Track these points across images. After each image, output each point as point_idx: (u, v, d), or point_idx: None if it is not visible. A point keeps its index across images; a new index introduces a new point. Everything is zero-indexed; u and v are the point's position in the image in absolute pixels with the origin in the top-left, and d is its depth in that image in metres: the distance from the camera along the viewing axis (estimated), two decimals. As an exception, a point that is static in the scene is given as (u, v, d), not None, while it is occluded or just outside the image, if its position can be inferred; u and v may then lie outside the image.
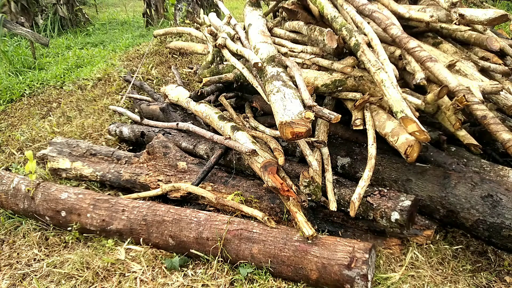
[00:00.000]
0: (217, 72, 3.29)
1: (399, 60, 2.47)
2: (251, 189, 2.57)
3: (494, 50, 2.55)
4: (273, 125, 2.88)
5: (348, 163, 2.60)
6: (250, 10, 3.43)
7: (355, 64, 2.55)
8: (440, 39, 2.74)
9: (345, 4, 2.59)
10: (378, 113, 2.33)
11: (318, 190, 2.21)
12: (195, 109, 3.23)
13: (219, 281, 2.10)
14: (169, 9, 7.84)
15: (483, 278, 2.10)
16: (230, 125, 2.78)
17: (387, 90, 2.12)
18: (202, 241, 2.21)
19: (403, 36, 2.29)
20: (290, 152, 2.86)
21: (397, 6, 2.58)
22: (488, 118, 2.04)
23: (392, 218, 2.12)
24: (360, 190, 2.11)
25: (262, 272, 2.10)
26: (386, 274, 2.10)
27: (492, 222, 2.03)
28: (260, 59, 2.57)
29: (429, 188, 2.27)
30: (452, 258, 2.22)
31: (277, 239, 2.08)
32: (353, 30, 2.43)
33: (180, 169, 2.83)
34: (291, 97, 2.18)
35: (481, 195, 2.10)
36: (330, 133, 2.76)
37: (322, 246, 1.99)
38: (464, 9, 2.40)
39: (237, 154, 2.77)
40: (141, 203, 2.48)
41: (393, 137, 2.09)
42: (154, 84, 5.06)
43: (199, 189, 2.55)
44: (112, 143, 3.78)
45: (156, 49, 5.94)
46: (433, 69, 2.16)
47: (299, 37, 3.05)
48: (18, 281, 2.22)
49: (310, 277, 1.99)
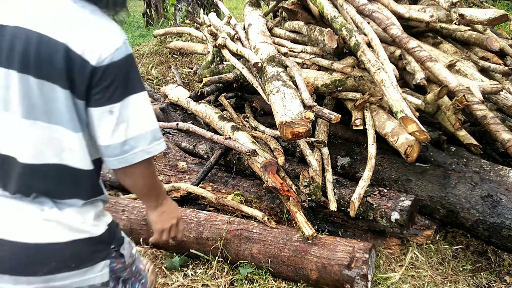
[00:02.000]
0: (217, 72, 3.29)
1: (399, 60, 2.47)
2: (251, 189, 2.57)
3: (494, 50, 2.55)
4: (273, 125, 2.88)
5: (348, 163, 2.60)
6: (250, 10, 3.43)
7: (355, 64, 2.55)
8: (440, 39, 2.74)
9: (345, 4, 2.59)
10: (378, 113, 2.33)
11: (318, 190, 2.21)
12: (195, 109, 3.24)
13: (219, 281, 2.11)
14: (169, 9, 7.84)
15: (483, 278, 2.10)
16: (230, 125, 2.78)
17: (387, 90, 2.12)
18: (202, 241, 2.21)
19: (403, 36, 2.29)
20: (290, 152, 2.86)
21: (397, 6, 2.58)
22: (488, 118, 2.04)
23: (392, 218, 2.12)
24: (360, 190, 2.11)
25: (262, 272, 2.10)
26: (386, 274, 2.10)
27: (492, 222, 2.03)
28: (260, 59, 2.57)
29: (429, 188, 2.27)
30: (452, 258, 2.22)
31: (277, 239, 2.08)
32: (353, 30, 2.43)
33: (180, 169, 2.83)
34: (291, 97, 2.18)
35: (481, 195, 2.10)
36: (330, 133, 2.76)
37: (322, 246, 1.99)
38: (464, 9, 2.40)
39: (237, 154, 2.77)
40: (141, 203, 2.48)
41: (393, 137, 2.09)
42: (154, 84, 5.06)
43: (199, 189, 2.55)
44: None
45: (156, 49, 5.94)
46: (433, 69, 2.16)
47: (299, 37, 3.05)
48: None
49: (310, 277, 1.99)
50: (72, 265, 1.05)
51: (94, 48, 0.95)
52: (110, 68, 0.96)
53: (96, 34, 0.97)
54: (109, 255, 1.14)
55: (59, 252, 1.04)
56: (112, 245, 1.15)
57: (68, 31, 0.95)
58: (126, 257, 1.20)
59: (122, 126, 0.99)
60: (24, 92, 0.96)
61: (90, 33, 0.97)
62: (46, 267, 1.02)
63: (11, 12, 0.98)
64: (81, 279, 1.08)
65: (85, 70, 0.94)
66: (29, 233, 1.02)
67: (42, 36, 0.94)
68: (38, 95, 0.96)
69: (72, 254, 1.05)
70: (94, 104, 0.98)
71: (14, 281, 1.02)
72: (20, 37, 0.95)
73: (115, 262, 1.17)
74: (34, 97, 0.97)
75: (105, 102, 0.97)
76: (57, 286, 1.05)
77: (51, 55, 0.94)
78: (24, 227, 1.03)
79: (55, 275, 1.04)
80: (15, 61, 0.95)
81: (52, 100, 0.97)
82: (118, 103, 0.98)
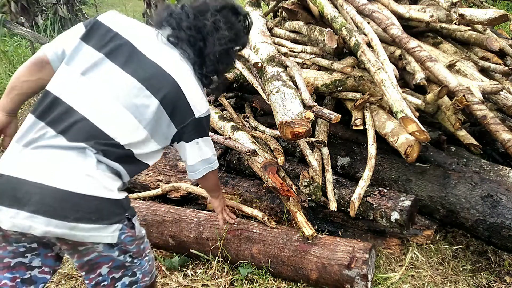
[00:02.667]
0: (217, 72, 3.29)
1: (399, 60, 2.46)
2: (251, 189, 2.57)
3: (494, 50, 2.55)
4: (273, 125, 2.87)
5: (348, 163, 2.60)
6: (250, 10, 3.43)
7: (355, 64, 2.55)
8: (440, 39, 2.74)
9: (345, 4, 2.59)
10: (378, 113, 2.33)
11: (318, 190, 2.21)
12: (195, 109, 3.23)
13: (219, 281, 2.11)
14: (169, 9, 7.83)
15: (483, 278, 2.10)
16: (230, 125, 2.78)
17: (387, 90, 2.12)
18: (202, 241, 2.21)
19: (403, 36, 2.29)
20: (290, 152, 2.86)
21: (397, 6, 2.58)
22: (488, 118, 2.04)
23: (392, 218, 2.12)
24: (360, 190, 2.11)
25: (262, 272, 2.10)
26: (386, 274, 2.10)
27: (492, 222, 2.03)
28: (260, 59, 2.57)
29: (429, 188, 2.27)
30: (452, 258, 2.22)
31: (277, 239, 2.08)
32: (353, 30, 2.43)
33: (180, 169, 2.83)
34: (291, 97, 2.18)
35: (481, 195, 2.10)
36: (330, 133, 2.76)
37: (322, 246, 1.99)
38: (464, 9, 2.40)
39: (237, 154, 2.77)
40: (141, 203, 2.48)
41: (393, 137, 2.09)
42: (154, 84, 5.05)
43: (199, 189, 2.55)
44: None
45: (156, 49, 5.92)
46: (433, 69, 2.16)
47: (299, 37, 3.05)
48: (18, 281, 2.22)
49: (310, 277, 1.99)
50: (93, 218, 1.22)
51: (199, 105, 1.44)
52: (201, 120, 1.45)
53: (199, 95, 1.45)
54: (123, 221, 1.30)
55: (87, 203, 1.21)
56: (127, 212, 1.32)
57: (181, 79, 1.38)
58: (136, 229, 1.37)
59: (200, 152, 1.53)
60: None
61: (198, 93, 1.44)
62: (74, 215, 1.18)
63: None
64: (96, 235, 1.24)
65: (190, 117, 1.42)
66: (70, 182, 1.20)
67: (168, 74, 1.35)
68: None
69: (96, 208, 1.23)
70: (186, 139, 1.47)
71: (46, 222, 1.16)
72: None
73: (126, 230, 1.32)
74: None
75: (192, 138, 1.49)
76: (77, 236, 1.21)
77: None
78: (67, 176, 1.21)
79: (78, 224, 1.19)
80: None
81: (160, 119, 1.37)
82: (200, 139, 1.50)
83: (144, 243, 1.45)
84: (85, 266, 1.33)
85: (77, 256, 1.30)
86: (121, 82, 1.31)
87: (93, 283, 1.37)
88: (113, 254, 1.33)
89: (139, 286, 1.50)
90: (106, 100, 1.30)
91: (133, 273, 1.45)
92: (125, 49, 1.33)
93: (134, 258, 1.41)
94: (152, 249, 2.35)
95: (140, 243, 1.41)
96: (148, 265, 1.50)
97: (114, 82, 1.31)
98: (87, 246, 1.27)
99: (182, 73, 1.37)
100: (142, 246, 1.44)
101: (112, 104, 1.30)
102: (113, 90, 1.30)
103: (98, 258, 1.32)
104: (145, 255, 1.46)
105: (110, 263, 1.35)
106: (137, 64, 1.33)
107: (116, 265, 1.37)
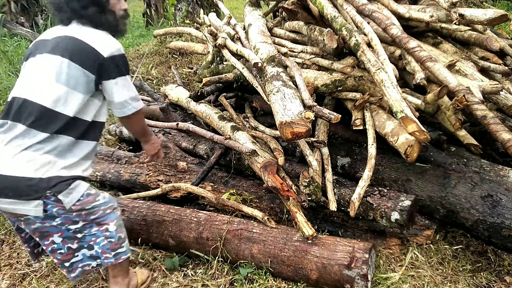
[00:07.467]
0: (217, 72, 3.29)
1: (399, 60, 2.46)
2: (251, 189, 2.57)
3: (494, 50, 2.55)
4: (273, 125, 2.88)
5: (348, 163, 2.60)
6: (250, 10, 3.43)
7: (355, 64, 2.55)
8: (440, 39, 2.74)
9: (345, 4, 2.59)
10: (378, 113, 2.33)
11: (318, 190, 2.21)
12: (195, 109, 3.24)
13: (219, 281, 2.10)
14: (169, 9, 7.84)
15: (483, 278, 2.10)
16: (230, 125, 2.78)
17: (387, 90, 2.12)
18: (202, 241, 2.21)
19: (403, 36, 2.29)
20: (290, 152, 2.86)
21: (397, 6, 2.58)
22: (488, 118, 2.04)
23: (392, 218, 2.12)
24: (360, 190, 2.11)
25: (262, 272, 2.10)
26: (386, 274, 2.10)
27: (492, 222, 2.03)
28: (260, 59, 2.57)
29: (429, 188, 2.27)
30: (452, 258, 2.22)
31: (277, 239, 2.08)
32: (353, 30, 2.43)
33: (180, 169, 2.84)
34: (291, 97, 2.18)
35: (481, 195, 2.10)
36: (330, 133, 2.76)
37: (322, 246, 1.99)
38: (464, 9, 2.40)
39: (237, 154, 2.77)
40: (141, 203, 2.48)
41: (393, 137, 2.09)
42: (154, 84, 5.05)
43: (199, 189, 2.55)
44: (112, 143, 3.78)
45: (156, 49, 5.94)
46: (433, 69, 2.16)
47: (299, 37, 3.05)
48: (18, 281, 2.22)
49: (310, 277, 1.99)
50: (10, 194, 1.55)
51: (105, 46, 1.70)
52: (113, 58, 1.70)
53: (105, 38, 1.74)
54: (43, 197, 1.57)
55: (8, 183, 1.54)
56: (49, 190, 1.57)
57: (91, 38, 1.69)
58: (65, 202, 1.61)
59: (124, 89, 1.73)
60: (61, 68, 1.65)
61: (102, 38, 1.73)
62: (3, 191, 1.55)
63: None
64: (20, 208, 1.57)
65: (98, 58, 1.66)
66: (2, 167, 1.56)
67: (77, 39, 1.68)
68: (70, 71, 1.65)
69: (15, 186, 1.55)
70: (106, 77, 1.69)
71: None
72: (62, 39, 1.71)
73: (53, 204, 1.60)
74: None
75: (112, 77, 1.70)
76: (7, 208, 1.59)
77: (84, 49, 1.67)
78: (2, 161, 1.57)
79: (2, 199, 1.56)
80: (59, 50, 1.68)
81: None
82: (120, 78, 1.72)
83: (98, 217, 1.70)
84: (35, 233, 1.68)
85: (23, 223, 1.66)
86: (43, 61, 1.67)
87: (49, 249, 1.71)
88: (54, 224, 1.64)
89: (102, 262, 1.78)
90: (35, 77, 1.66)
91: (89, 246, 1.73)
92: (44, 43, 1.74)
93: (83, 230, 1.69)
94: (152, 249, 2.35)
95: (85, 214, 1.67)
96: (107, 241, 1.73)
97: (38, 64, 1.68)
98: (27, 217, 1.61)
99: (76, 30, 1.71)
100: (92, 217, 1.69)
101: (38, 77, 1.65)
102: (39, 69, 1.67)
103: (45, 228, 1.66)
104: (100, 230, 1.71)
105: (59, 233, 1.68)
106: (49, 46, 1.70)
107: (67, 236, 1.69)
